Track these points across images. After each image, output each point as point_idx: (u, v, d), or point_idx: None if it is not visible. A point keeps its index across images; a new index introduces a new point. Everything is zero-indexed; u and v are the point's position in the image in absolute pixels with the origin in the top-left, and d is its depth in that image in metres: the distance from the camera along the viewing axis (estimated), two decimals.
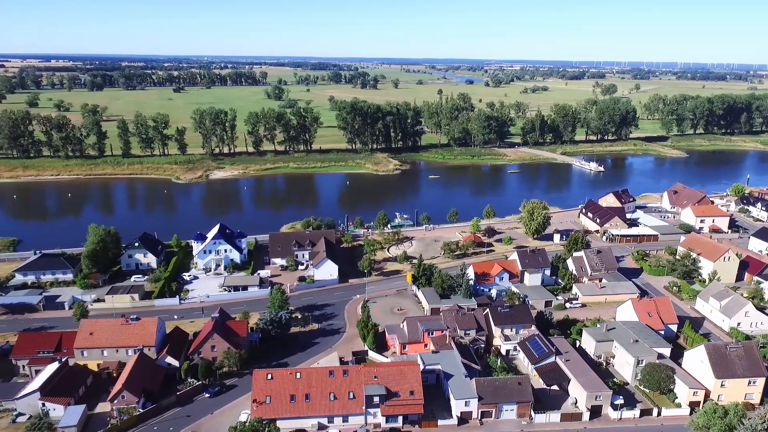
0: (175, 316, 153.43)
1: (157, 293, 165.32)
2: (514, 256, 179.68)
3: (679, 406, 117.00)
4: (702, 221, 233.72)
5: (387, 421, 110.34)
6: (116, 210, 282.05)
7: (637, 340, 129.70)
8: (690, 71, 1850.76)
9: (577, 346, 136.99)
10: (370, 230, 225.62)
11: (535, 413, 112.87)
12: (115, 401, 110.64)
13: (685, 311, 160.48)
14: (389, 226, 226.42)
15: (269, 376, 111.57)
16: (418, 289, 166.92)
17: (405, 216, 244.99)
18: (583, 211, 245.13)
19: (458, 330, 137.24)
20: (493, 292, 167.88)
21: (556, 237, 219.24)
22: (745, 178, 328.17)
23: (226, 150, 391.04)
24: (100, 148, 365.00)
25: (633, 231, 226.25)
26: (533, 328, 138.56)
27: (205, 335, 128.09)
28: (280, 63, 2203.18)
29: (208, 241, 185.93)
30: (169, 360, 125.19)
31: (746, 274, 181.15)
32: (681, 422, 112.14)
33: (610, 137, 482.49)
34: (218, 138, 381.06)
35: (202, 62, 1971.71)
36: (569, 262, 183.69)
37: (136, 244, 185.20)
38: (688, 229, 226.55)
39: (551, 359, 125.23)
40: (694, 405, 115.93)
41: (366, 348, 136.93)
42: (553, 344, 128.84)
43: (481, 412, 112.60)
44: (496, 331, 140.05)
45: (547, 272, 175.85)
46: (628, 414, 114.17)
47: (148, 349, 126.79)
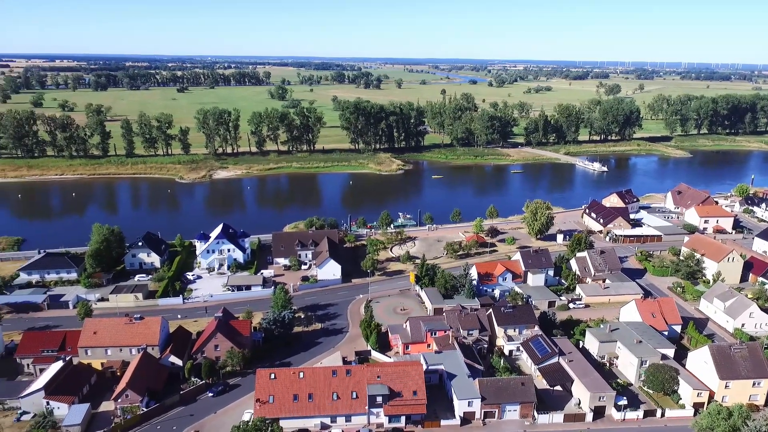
0: (179, 316, 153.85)
1: (160, 293, 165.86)
2: (517, 257, 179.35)
3: (682, 407, 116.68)
4: (706, 222, 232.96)
5: (390, 421, 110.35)
6: (120, 210, 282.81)
7: (640, 341, 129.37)
8: (694, 71, 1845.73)
9: (581, 346, 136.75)
10: (373, 230, 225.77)
11: (538, 414, 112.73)
12: (119, 400, 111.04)
13: (689, 312, 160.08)
14: (392, 226, 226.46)
15: (272, 376, 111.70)
16: (421, 289, 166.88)
17: (408, 216, 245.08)
18: (587, 211, 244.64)
19: (461, 330, 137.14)
20: (496, 293, 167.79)
21: (560, 237, 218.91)
22: (749, 179, 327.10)
23: (229, 150, 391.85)
24: (104, 148, 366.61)
25: (636, 231, 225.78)
26: (536, 328, 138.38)
27: (209, 335, 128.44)
28: (284, 63, 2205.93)
29: (211, 240, 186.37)
30: (173, 359, 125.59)
31: (750, 274, 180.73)
32: (685, 423, 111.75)
33: (613, 137, 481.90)
34: (222, 138, 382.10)
35: (206, 62, 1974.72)
36: (572, 262, 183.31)
37: (140, 244, 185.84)
38: (692, 230, 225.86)
39: (554, 360, 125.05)
40: (698, 406, 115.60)
41: (369, 348, 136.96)
42: (557, 345, 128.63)
43: (484, 412, 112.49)
44: (499, 331, 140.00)
45: (551, 272, 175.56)
46: (631, 415, 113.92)
47: (152, 349, 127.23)
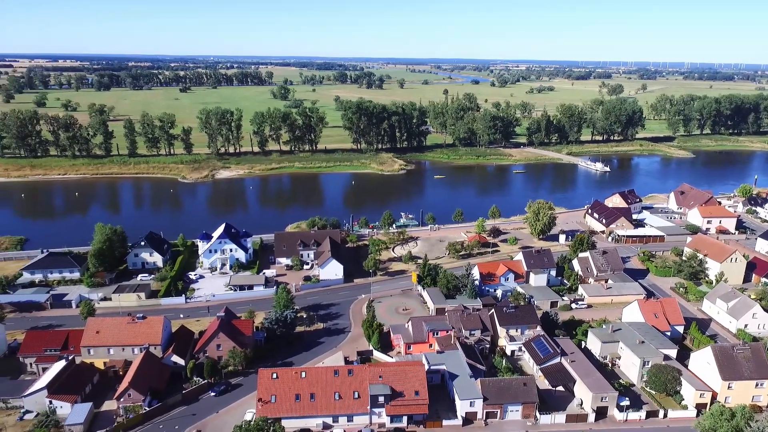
0: (181, 315, 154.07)
1: (163, 292, 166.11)
2: (519, 257, 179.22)
3: (685, 408, 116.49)
4: (709, 222, 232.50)
5: (392, 421, 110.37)
6: (123, 209, 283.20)
7: (643, 342, 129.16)
8: (697, 71, 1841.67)
9: (583, 347, 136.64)
10: (375, 230, 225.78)
11: (540, 414, 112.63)
12: (122, 399, 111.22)
13: (692, 312, 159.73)
14: (394, 226, 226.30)
15: (274, 376, 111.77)
16: (423, 289, 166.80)
17: (410, 216, 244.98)
18: (589, 211, 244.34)
19: (463, 330, 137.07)
20: (499, 293, 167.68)
21: (562, 237, 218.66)
22: (752, 179, 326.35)
23: (231, 150, 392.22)
24: (106, 148, 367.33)
25: (639, 232, 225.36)
26: (538, 328, 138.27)
27: (211, 334, 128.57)
28: (286, 63, 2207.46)
29: (213, 240, 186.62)
30: (175, 359, 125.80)
31: (753, 275, 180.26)
32: (687, 424, 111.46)
33: (616, 137, 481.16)
34: (224, 138, 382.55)
35: (209, 62, 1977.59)
36: (575, 262, 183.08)
37: (143, 243, 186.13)
38: (694, 230, 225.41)
39: (556, 360, 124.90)
40: (700, 407, 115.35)
41: (371, 348, 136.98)
42: (559, 345, 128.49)
43: (486, 412, 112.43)
44: (501, 331, 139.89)
45: (553, 273, 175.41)
46: (633, 415, 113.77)
47: (154, 348, 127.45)
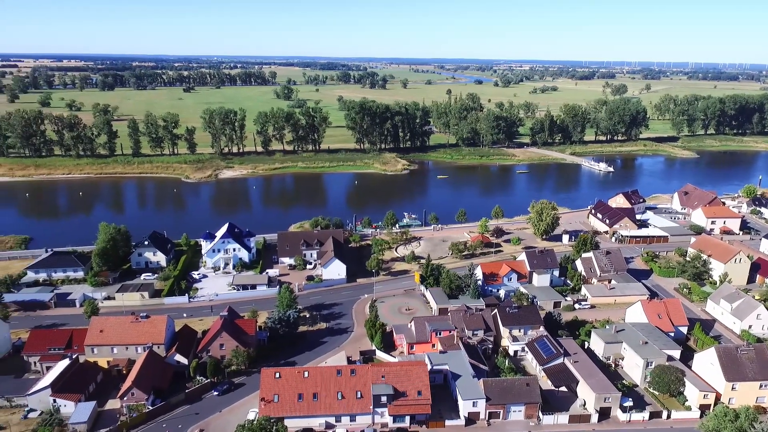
0: (184, 315, 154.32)
1: (166, 291, 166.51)
2: (522, 257, 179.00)
3: (689, 408, 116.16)
4: (713, 222, 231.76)
5: (394, 421, 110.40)
6: (126, 209, 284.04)
7: (646, 342, 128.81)
8: (701, 71, 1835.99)
9: (586, 347, 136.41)
10: (378, 230, 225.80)
11: (543, 414, 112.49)
12: (125, 398, 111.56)
13: (696, 313, 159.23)
14: (397, 225, 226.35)
15: (277, 375, 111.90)
16: (426, 289, 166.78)
17: (413, 216, 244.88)
18: (593, 211, 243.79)
19: (466, 330, 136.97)
20: (502, 293, 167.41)
21: (565, 238, 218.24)
22: (757, 179, 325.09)
23: (235, 149, 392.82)
24: (110, 148, 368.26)
25: (643, 232, 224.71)
26: (541, 329, 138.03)
27: (214, 333, 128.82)
28: (289, 63, 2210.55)
29: (217, 240, 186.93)
30: (178, 358, 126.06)
31: (758, 276, 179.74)
32: (691, 425, 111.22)
33: (619, 137, 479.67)
34: (227, 138, 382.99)
35: (212, 62, 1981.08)
36: (578, 263, 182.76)
37: (146, 243, 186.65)
38: (698, 231, 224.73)
39: (559, 360, 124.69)
40: (704, 408, 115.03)
41: (374, 347, 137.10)
42: (562, 345, 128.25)
43: (489, 412, 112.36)
44: (504, 331, 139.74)
45: (556, 273, 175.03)
46: (637, 416, 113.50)
47: (158, 347, 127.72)
